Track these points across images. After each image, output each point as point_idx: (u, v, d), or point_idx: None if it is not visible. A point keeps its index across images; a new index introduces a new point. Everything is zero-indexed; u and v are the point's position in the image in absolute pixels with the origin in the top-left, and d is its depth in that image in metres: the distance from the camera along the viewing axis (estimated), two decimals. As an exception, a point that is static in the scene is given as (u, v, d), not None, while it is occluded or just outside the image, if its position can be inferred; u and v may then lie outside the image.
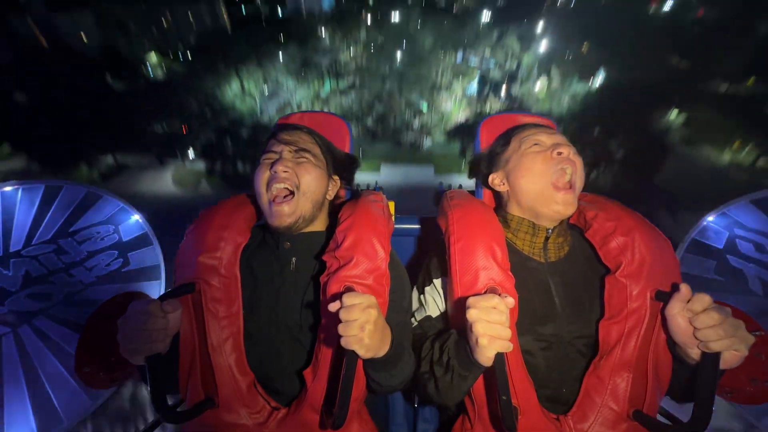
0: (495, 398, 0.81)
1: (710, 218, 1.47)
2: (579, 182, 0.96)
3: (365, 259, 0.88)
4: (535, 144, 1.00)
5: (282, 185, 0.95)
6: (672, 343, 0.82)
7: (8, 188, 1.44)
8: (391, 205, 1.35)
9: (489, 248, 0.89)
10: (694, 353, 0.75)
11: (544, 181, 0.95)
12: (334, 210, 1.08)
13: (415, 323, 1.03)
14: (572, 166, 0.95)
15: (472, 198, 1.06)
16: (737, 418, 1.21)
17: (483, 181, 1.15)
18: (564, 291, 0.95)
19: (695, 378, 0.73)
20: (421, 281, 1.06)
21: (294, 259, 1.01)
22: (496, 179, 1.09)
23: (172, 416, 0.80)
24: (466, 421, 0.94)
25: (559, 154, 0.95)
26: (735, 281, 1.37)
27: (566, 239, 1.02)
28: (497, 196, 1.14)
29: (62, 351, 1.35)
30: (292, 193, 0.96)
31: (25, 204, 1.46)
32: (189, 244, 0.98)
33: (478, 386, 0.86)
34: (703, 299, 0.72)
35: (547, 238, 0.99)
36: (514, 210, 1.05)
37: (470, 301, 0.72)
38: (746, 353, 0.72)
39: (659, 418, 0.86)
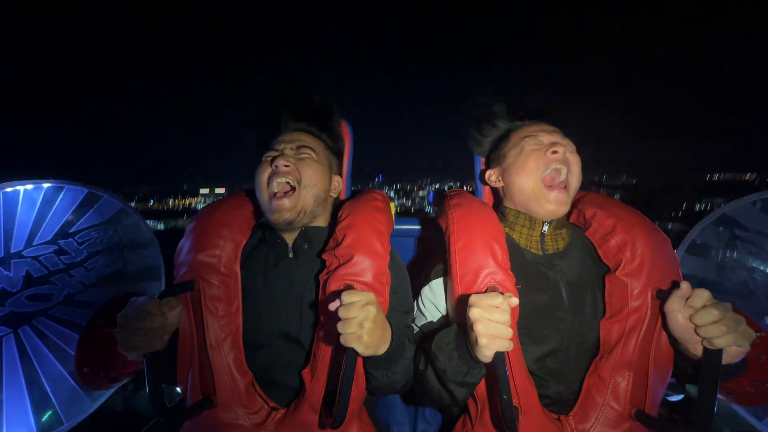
0: (496, 398, 0.81)
1: (710, 219, 1.46)
2: (575, 182, 0.96)
3: (365, 257, 0.88)
4: (534, 143, 0.99)
5: (283, 180, 0.95)
6: (673, 340, 0.81)
7: (9, 189, 1.44)
8: (391, 206, 1.35)
9: (489, 247, 0.88)
10: (694, 349, 0.75)
11: (536, 179, 0.95)
12: (335, 208, 1.08)
13: (416, 329, 1.02)
14: (566, 166, 0.94)
15: (472, 197, 1.05)
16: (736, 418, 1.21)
17: (480, 176, 1.14)
18: (567, 287, 0.94)
19: (697, 374, 0.73)
20: (418, 288, 1.05)
21: (291, 255, 1.01)
22: (492, 176, 1.08)
23: (169, 415, 0.80)
24: (467, 422, 0.92)
25: (554, 153, 0.94)
26: (735, 282, 1.37)
27: (565, 230, 1.01)
28: (495, 190, 1.14)
29: (62, 351, 1.35)
30: (293, 188, 0.95)
31: (27, 204, 1.46)
32: (188, 243, 0.98)
33: (480, 386, 0.85)
34: (702, 295, 0.72)
35: (543, 232, 0.98)
36: (510, 204, 1.05)
37: (472, 299, 0.71)
38: (748, 348, 0.71)
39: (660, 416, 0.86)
